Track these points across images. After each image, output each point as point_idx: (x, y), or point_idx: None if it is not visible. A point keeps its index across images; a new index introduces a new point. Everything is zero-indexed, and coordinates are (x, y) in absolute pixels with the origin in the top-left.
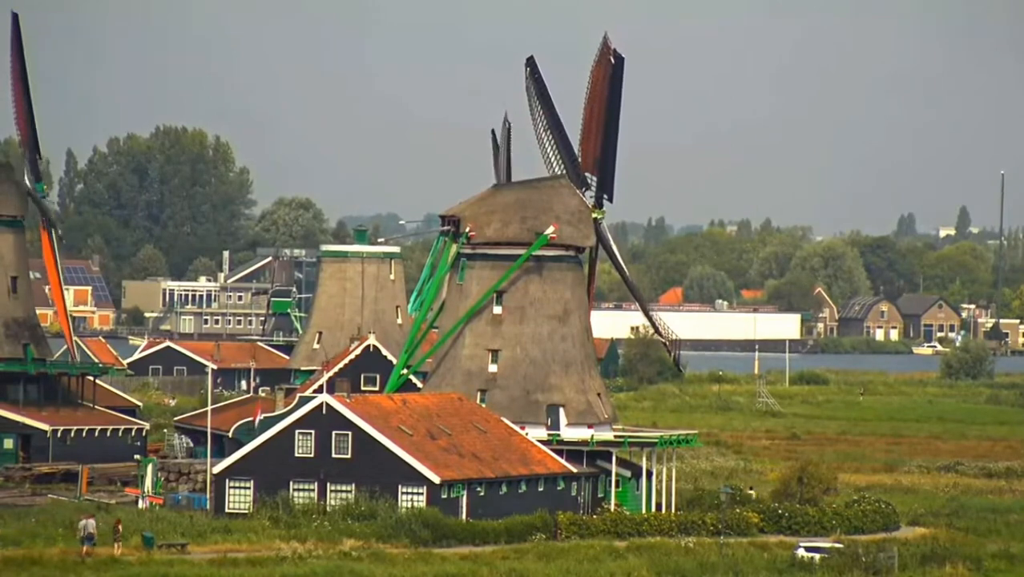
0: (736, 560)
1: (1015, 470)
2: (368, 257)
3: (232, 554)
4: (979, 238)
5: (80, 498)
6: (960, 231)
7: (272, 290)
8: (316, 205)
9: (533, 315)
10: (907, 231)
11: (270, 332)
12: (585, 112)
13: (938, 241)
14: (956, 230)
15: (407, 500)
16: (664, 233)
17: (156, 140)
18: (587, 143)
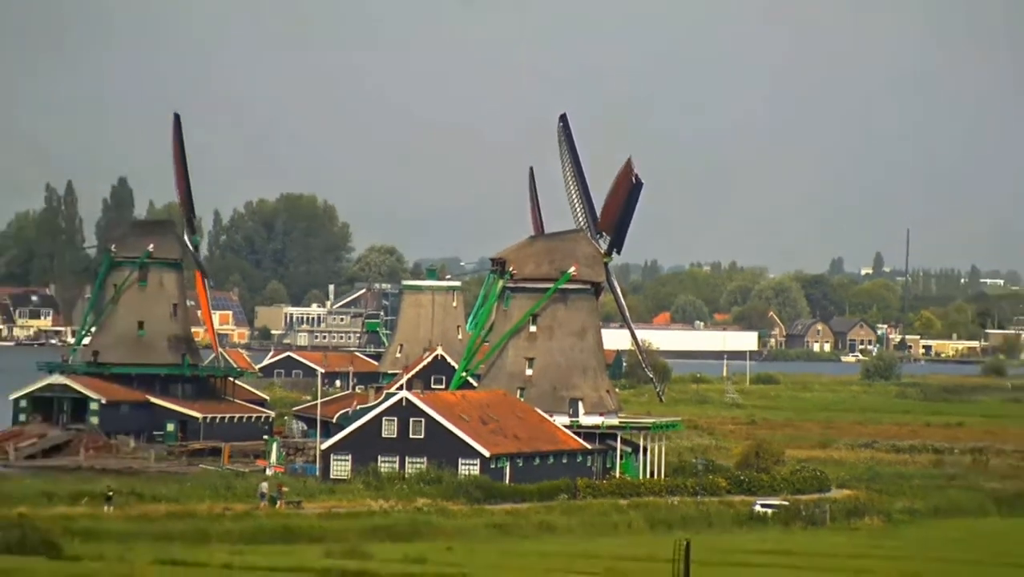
0: (709, 514)
1: (916, 447)
2: (437, 289)
3: (335, 509)
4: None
5: (223, 468)
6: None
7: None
8: (398, 251)
9: (559, 333)
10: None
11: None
12: (609, 196)
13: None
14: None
15: (465, 469)
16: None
17: (280, 203)
18: (607, 215)
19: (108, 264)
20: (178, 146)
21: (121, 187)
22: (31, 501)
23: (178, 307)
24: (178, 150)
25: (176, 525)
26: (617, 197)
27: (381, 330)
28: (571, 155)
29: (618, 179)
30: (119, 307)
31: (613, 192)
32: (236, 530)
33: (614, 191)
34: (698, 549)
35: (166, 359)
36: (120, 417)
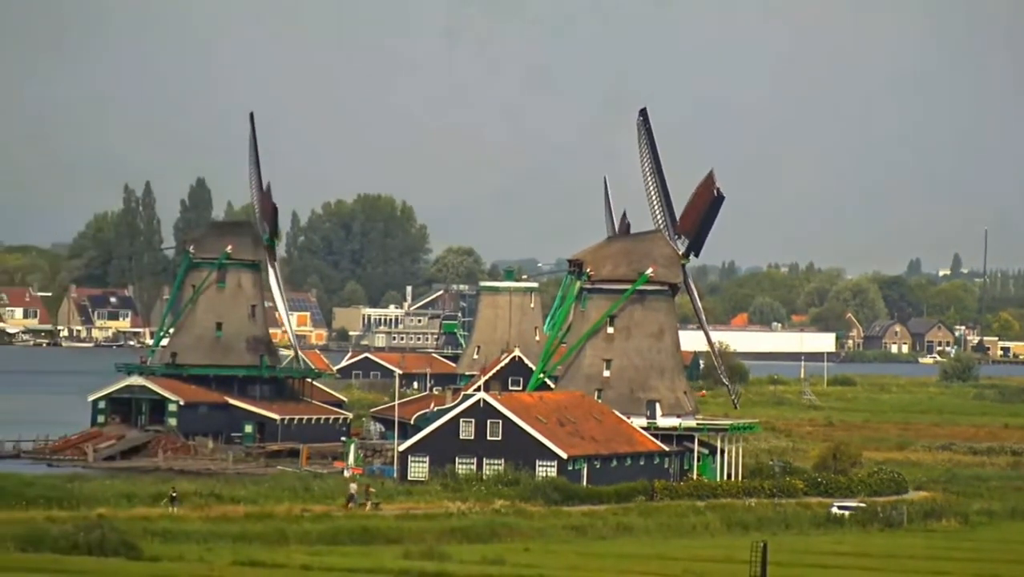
0: (786, 515)
1: (994, 449)
2: (514, 291)
3: (413, 511)
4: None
5: (301, 469)
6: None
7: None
8: (476, 252)
9: (636, 334)
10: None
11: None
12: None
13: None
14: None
15: (542, 471)
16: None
17: (358, 204)
18: (686, 221)
19: (186, 265)
20: (254, 145)
21: (199, 188)
22: (110, 502)
23: (256, 308)
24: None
25: (255, 526)
26: (697, 207)
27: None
28: (650, 151)
29: (699, 190)
30: (197, 308)
31: (693, 202)
32: (314, 531)
33: (694, 201)
34: (775, 551)
35: (244, 360)
36: (198, 418)
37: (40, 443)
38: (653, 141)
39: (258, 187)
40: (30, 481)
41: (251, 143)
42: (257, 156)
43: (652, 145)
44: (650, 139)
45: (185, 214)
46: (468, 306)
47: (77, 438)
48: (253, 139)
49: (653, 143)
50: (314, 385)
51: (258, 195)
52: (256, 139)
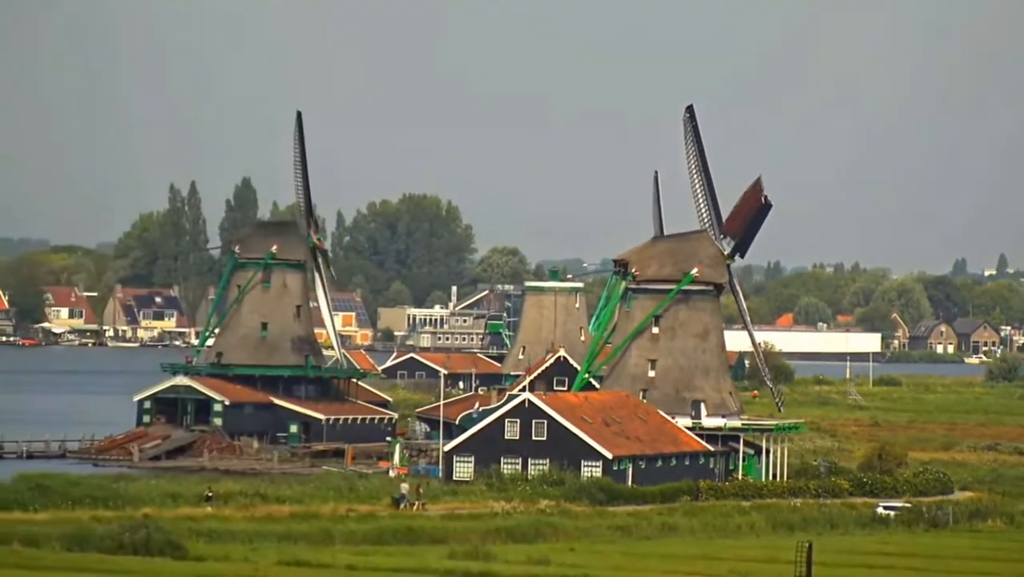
0: (832, 515)
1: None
2: (559, 291)
3: (458, 511)
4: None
5: (346, 469)
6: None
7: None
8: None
9: (682, 334)
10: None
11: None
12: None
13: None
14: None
15: (587, 471)
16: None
17: (403, 204)
18: (732, 224)
19: (232, 265)
20: (300, 145)
21: (245, 188)
22: (156, 502)
23: (301, 308)
24: (300, 149)
25: (300, 526)
26: (743, 212)
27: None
28: (696, 148)
29: (746, 195)
30: (243, 308)
31: (740, 206)
32: (359, 531)
33: (741, 206)
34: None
35: (289, 360)
36: (244, 418)
37: (86, 443)
38: (699, 138)
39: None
40: (76, 481)
41: (297, 142)
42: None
43: (698, 142)
44: (696, 136)
45: (230, 214)
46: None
47: (123, 438)
48: (300, 138)
49: (699, 140)
50: (359, 385)
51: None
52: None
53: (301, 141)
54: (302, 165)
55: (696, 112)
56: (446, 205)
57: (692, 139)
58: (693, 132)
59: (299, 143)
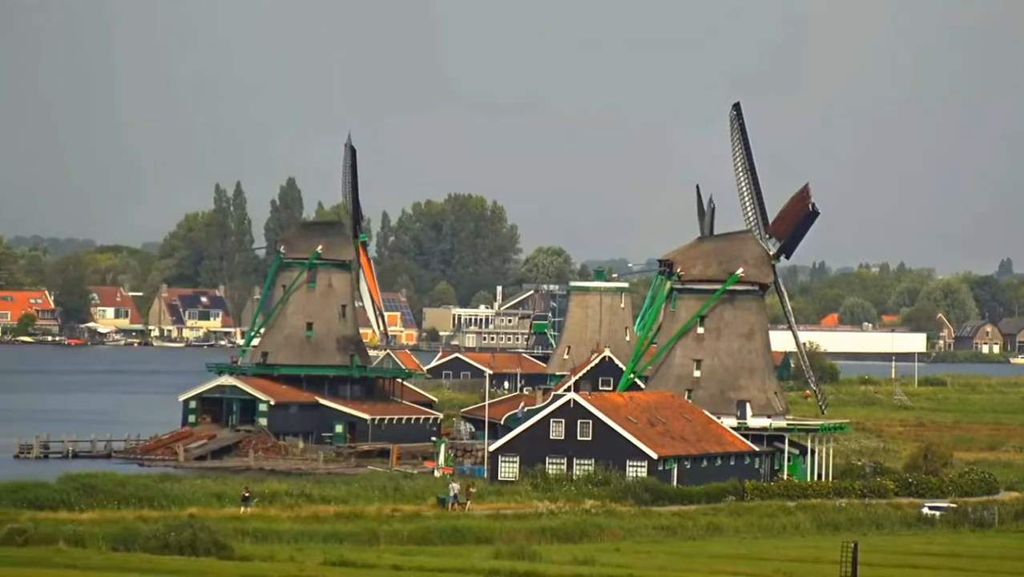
0: (877, 516)
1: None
2: (604, 291)
3: (503, 511)
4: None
5: (391, 469)
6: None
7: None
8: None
9: (727, 334)
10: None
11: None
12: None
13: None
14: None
15: (632, 471)
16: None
17: (448, 204)
18: (778, 226)
19: (277, 265)
20: (348, 147)
21: (290, 188)
22: (201, 502)
23: (347, 308)
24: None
25: (345, 526)
26: (789, 217)
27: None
28: (743, 146)
29: (793, 201)
30: (288, 308)
31: (787, 211)
32: (405, 531)
33: (787, 211)
34: (865, 551)
35: (335, 360)
36: (289, 418)
37: (131, 443)
38: (746, 136)
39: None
40: (122, 481)
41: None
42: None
43: (745, 140)
44: (743, 134)
45: (276, 214)
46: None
47: (168, 438)
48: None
49: (746, 138)
50: (404, 385)
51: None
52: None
53: (348, 141)
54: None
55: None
56: (491, 205)
57: (739, 137)
58: (740, 130)
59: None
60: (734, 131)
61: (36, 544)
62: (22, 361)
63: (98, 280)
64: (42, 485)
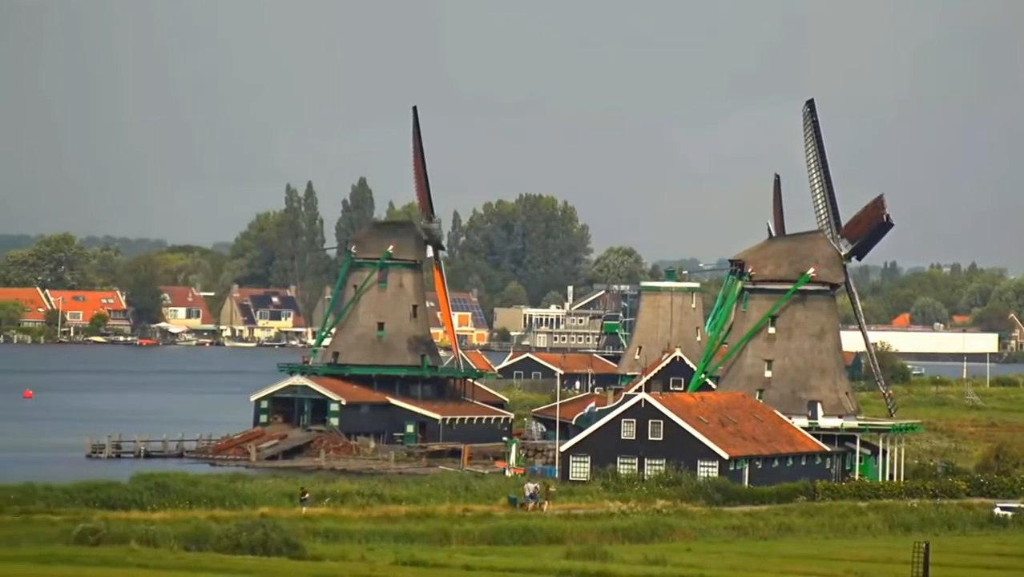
0: (949, 516)
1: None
2: (676, 291)
3: (574, 511)
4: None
5: (462, 469)
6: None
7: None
8: (636, 252)
9: (798, 334)
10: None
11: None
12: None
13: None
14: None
15: (704, 471)
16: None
17: (519, 204)
18: (851, 230)
19: (348, 265)
20: (417, 141)
21: (361, 188)
22: (273, 502)
23: (418, 308)
24: (417, 145)
25: (416, 526)
26: (863, 224)
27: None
28: (816, 143)
29: (867, 210)
30: (359, 308)
31: (860, 218)
32: (476, 531)
33: (861, 218)
34: (937, 551)
35: (405, 360)
36: (360, 418)
37: (203, 443)
38: (819, 134)
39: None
40: (194, 480)
41: (414, 137)
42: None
43: (818, 138)
44: (816, 132)
45: (347, 214)
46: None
47: (240, 438)
48: (416, 133)
49: (819, 136)
50: (475, 385)
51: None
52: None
53: (418, 136)
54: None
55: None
56: (562, 205)
57: (811, 134)
58: (813, 127)
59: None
60: (807, 128)
61: (108, 544)
62: (94, 361)
63: (169, 280)
64: (114, 485)
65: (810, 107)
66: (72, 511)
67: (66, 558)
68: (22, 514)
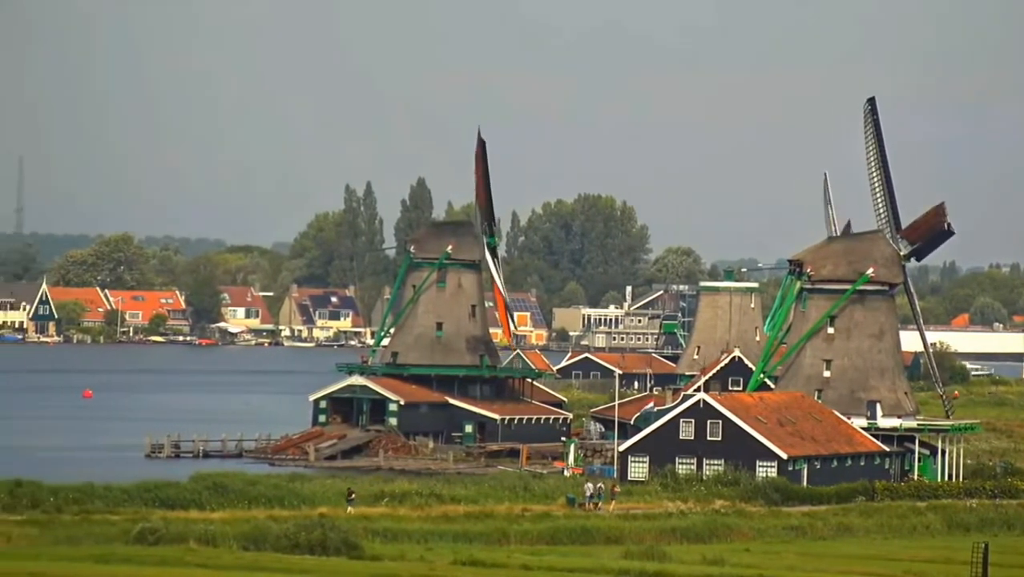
0: (1008, 516)
1: None
2: (734, 291)
3: (633, 511)
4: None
5: (521, 469)
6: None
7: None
8: (695, 252)
9: (857, 334)
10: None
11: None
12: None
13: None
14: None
15: (762, 471)
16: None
17: (578, 204)
18: (911, 233)
19: (407, 265)
20: (480, 148)
21: (420, 188)
22: (331, 502)
23: (476, 308)
24: (480, 151)
25: (475, 526)
26: (923, 229)
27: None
28: (876, 141)
29: (928, 217)
30: (418, 308)
31: (920, 223)
32: (534, 531)
33: (921, 224)
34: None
35: (464, 360)
36: (419, 418)
37: (262, 442)
38: (880, 132)
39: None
40: (252, 480)
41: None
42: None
43: (878, 136)
44: (876, 130)
45: (406, 214)
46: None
47: (299, 438)
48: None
49: (879, 134)
50: (534, 385)
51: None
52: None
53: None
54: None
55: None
56: (621, 205)
57: (872, 133)
58: (873, 126)
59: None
60: (867, 126)
61: (167, 543)
62: (153, 361)
63: (229, 280)
64: (173, 485)
65: (871, 104)
66: (131, 511)
67: (125, 557)
68: (82, 514)
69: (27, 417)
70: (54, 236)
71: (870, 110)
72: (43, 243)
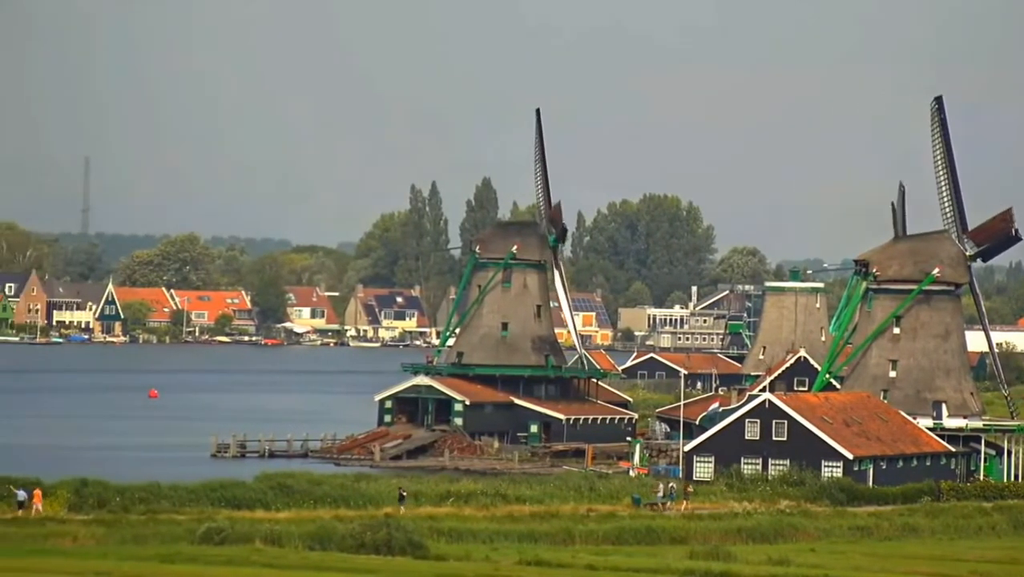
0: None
1: None
2: (800, 291)
3: (698, 511)
4: None
5: (586, 469)
6: None
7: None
8: (761, 252)
9: (923, 334)
10: None
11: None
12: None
13: None
14: None
15: (828, 471)
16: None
17: (643, 204)
18: (977, 236)
19: (473, 265)
20: (540, 142)
21: (485, 188)
22: (397, 502)
23: (542, 308)
24: (540, 146)
25: (540, 526)
26: (990, 233)
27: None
28: (943, 141)
29: (995, 221)
30: (483, 308)
31: (987, 227)
32: (600, 531)
33: (987, 227)
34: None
35: (530, 360)
36: (484, 418)
37: (327, 442)
38: (947, 132)
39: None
40: (318, 480)
41: (537, 141)
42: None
43: (945, 136)
44: (943, 129)
45: (471, 214)
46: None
47: (364, 437)
48: (539, 137)
49: (947, 134)
50: (599, 385)
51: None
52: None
53: (540, 140)
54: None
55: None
56: (687, 205)
57: (939, 132)
58: (940, 125)
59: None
60: (934, 125)
61: (233, 543)
62: (219, 361)
63: (294, 280)
64: (239, 484)
65: (938, 103)
66: (197, 510)
67: (191, 557)
68: (147, 513)
69: (93, 417)
70: (120, 236)
71: (937, 109)
72: (108, 243)
